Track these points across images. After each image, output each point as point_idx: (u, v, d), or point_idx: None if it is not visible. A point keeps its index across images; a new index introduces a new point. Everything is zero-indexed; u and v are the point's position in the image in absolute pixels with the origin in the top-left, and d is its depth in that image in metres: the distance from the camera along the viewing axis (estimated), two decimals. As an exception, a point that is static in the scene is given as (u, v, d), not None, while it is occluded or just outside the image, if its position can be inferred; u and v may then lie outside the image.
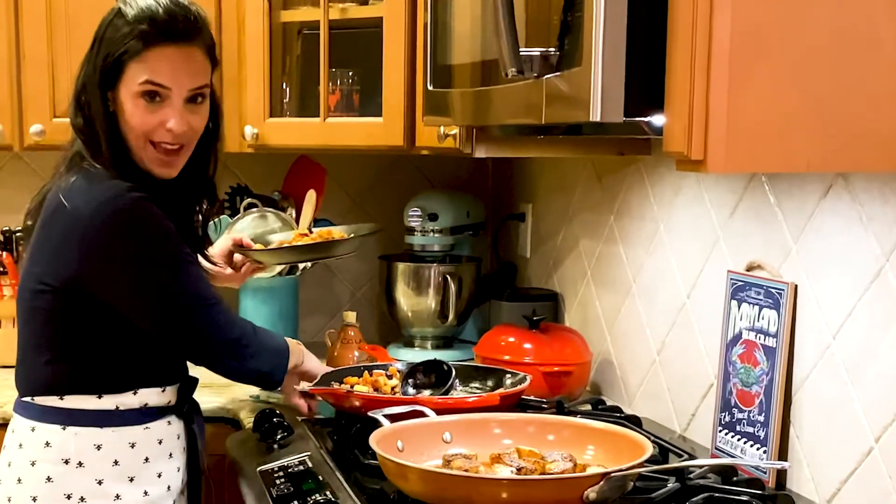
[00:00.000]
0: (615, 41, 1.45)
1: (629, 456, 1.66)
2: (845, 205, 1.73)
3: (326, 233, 2.45)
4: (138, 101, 1.91)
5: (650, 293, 2.36)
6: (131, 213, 1.88)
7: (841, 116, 1.40)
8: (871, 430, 1.68)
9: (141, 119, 1.92)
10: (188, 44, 1.93)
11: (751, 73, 1.38)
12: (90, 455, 1.94)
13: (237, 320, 2.06)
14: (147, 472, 1.98)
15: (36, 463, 1.94)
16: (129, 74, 1.90)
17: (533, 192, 2.99)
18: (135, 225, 1.88)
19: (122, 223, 1.88)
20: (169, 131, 1.93)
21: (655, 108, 1.47)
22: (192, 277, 1.97)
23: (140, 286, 1.92)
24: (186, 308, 1.96)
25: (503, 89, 1.76)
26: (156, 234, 1.91)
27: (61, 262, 1.90)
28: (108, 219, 1.87)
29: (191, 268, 1.97)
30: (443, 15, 2.09)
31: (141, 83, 1.90)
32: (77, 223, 1.88)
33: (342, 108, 2.79)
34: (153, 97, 1.91)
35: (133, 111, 1.92)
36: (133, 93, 1.91)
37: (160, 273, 1.92)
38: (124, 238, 1.88)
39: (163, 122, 1.92)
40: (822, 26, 1.38)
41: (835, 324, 1.76)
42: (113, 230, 1.87)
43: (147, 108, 1.91)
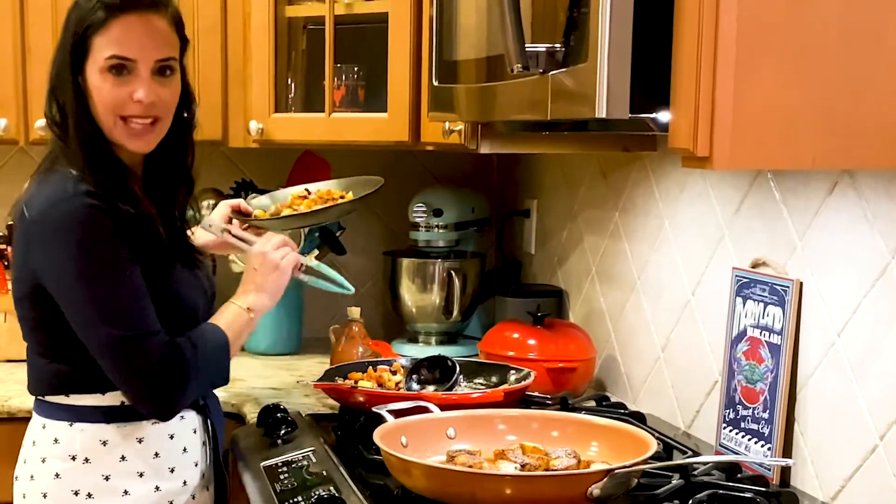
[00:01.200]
0: (621, 37, 1.45)
1: (633, 453, 1.66)
2: (851, 202, 1.73)
3: (325, 192, 2.37)
4: (106, 76, 1.88)
5: (655, 290, 2.36)
6: (71, 217, 1.83)
7: (847, 113, 1.40)
8: (875, 427, 1.68)
9: (109, 94, 1.89)
10: (152, 12, 1.90)
11: (757, 70, 1.38)
12: (96, 451, 1.93)
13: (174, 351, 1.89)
14: (157, 468, 1.96)
15: (46, 459, 1.94)
16: (95, 50, 1.88)
17: (538, 188, 2.99)
18: (71, 229, 1.83)
19: (61, 227, 1.84)
20: (138, 102, 1.89)
21: (661, 105, 1.47)
22: (124, 299, 1.87)
23: (69, 297, 1.87)
24: (109, 333, 1.86)
25: (508, 85, 1.76)
26: (90, 243, 1.84)
27: (24, 270, 1.91)
28: (50, 221, 1.84)
29: (123, 289, 1.86)
30: (448, 10, 2.08)
31: (107, 58, 1.88)
32: (28, 228, 1.88)
33: (347, 103, 2.79)
34: (120, 70, 1.89)
35: (101, 87, 1.89)
36: (100, 68, 1.88)
37: (87, 287, 1.85)
38: (61, 244, 1.84)
39: (131, 95, 1.89)
40: (828, 22, 1.38)
41: (840, 321, 1.76)
42: (53, 234, 1.84)
43: (115, 82, 1.89)
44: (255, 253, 2.10)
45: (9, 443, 2.12)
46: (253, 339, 2.85)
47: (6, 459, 2.09)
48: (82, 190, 1.84)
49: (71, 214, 1.83)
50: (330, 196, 2.35)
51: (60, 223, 1.84)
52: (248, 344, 2.89)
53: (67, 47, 1.90)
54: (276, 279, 2.08)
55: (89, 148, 1.91)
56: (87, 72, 1.90)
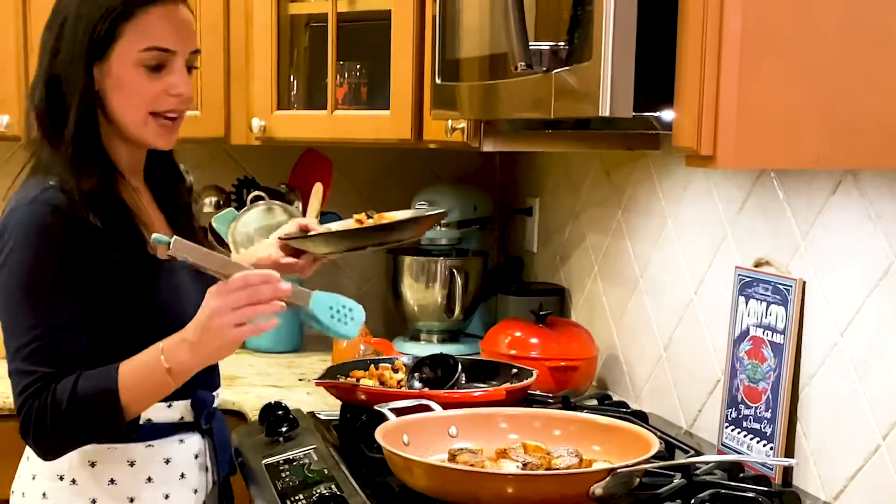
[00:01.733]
0: (625, 36, 1.44)
1: (635, 452, 1.66)
2: (854, 201, 1.73)
3: (380, 217, 2.18)
4: (139, 71, 1.75)
5: (657, 288, 2.35)
6: (22, 225, 1.70)
7: (851, 112, 1.39)
8: (878, 427, 1.68)
9: (145, 88, 1.75)
10: (181, 1, 1.80)
11: (761, 68, 1.37)
12: (84, 473, 1.80)
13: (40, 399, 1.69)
14: (150, 494, 1.82)
15: (36, 477, 1.83)
16: (125, 41, 1.74)
17: (540, 186, 2.99)
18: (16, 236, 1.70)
19: (11, 233, 1.71)
20: (176, 97, 1.77)
21: (665, 103, 1.47)
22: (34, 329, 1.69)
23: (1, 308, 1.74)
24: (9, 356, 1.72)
25: (512, 83, 1.75)
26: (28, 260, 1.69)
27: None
28: (7, 227, 1.71)
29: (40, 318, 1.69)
30: (451, 8, 2.08)
31: (143, 50, 1.74)
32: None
33: (350, 100, 2.78)
34: (158, 63, 1.76)
35: (134, 82, 1.75)
36: (132, 61, 1.74)
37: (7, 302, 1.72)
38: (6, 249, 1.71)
39: (167, 89, 1.77)
40: (833, 21, 1.38)
41: (843, 321, 1.76)
42: (5, 240, 1.71)
43: (150, 75, 1.75)
44: (212, 295, 1.67)
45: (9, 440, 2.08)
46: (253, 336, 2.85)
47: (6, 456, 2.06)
48: (42, 198, 1.70)
49: (21, 224, 1.70)
50: (382, 220, 2.14)
51: (11, 232, 1.70)
52: (250, 342, 2.89)
53: (81, 35, 1.73)
54: (217, 348, 1.68)
55: (83, 147, 1.75)
56: (112, 63, 1.74)
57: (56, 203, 1.70)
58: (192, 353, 1.67)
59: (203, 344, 1.66)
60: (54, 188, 1.71)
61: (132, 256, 1.75)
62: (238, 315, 1.64)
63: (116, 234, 1.74)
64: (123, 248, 1.74)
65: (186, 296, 1.81)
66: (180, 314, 1.74)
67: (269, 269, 1.70)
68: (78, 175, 1.73)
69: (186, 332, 1.68)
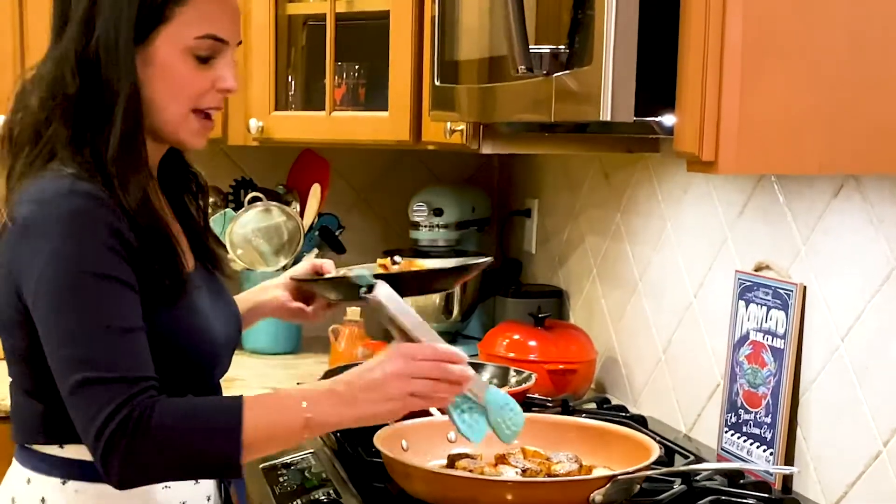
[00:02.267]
0: (626, 40, 1.43)
1: (635, 458, 1.65)
2: (856, 206, 1.72)
3: (408, 264, 1.95)
4: (187, 59, 1.53)
5: (657, 291, 2.34)
6: (60, 218, 1.45)
7: (854, 117, 1.38)
8: (879, 433, 1.67)
9: (193, 80, 1.54)
10: None
11: (763, 73, 1.36)
12: None
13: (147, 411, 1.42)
14: None
15: (31, 481, 1.57)
16: (176, 25, 1.52)
17: (539, 187, 2.98)
18: (55, 232, 1.45)
19: (44, 230, 1.46)
20: (224, 92, 1.57)
21: (666, 108, 1.46)
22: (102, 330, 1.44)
23: (39, 319, 1.47)
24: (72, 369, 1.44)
25: (512, 86, 1.74)
26: (75, 253, 1.45)
27: (8, 287, 1.51)
28: (34, 225, 1.47)
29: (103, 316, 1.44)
30: (450, 9, 2.07)
31: (199, 37, 1.53)
32: (11, 237, 1.50)
33: (348, 101, 2.77)
34: (209, 53, 1.55)
35: (182, 72, 1.53)
36: (181, 49, 1.53)
37: (57, 309, 1.45)
38: (41, 251, 1.45)
39: (215, 83, 1.56)
40: (837, 25, 1.37)
41: (844, 326, 1.75)
42: (35, 240, 1.46)
43: (197, 66, 1.54)
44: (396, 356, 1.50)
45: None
46: (252, 337, 2.84)
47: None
48: (80, 189, 1.47)
49: (61, 216, 1.45)
50: (411, 267, 1.93)
51: (46, 225, 1.46)
52: (246, 342, 2.88)
53: (127, 13, 1.50)
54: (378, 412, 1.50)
55: (130, 150, 1.52)
56: (157, 48, 1.52)
57: (96, 193, 1.47)
58: (342, 407, 1.48)
59: (362, 402, 1.48)
60: (89, 178, 1.49)
61: (169, 271, 1.54)
62: (418, 385, 1.49)
63: (155, 249, 1.53)
64: (162, 262, 1.53)
65: (213, 318, 1.62)
66: (207, 336, 1.59)
67: (455, 348, 1.54)
68: (123, 184, 1.50)
69: (337, 383, 1.50)
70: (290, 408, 1.47)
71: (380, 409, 1.49)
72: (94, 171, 1.50)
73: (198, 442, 1.44)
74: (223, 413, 1.45)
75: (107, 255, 1.45)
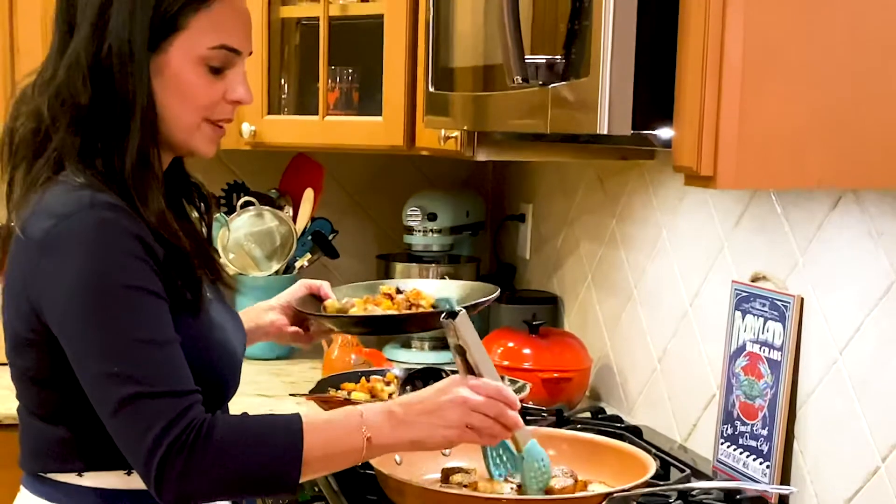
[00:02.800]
0: (624, 51, 1.41)
1: (631, 472, 1.63)
2: (854, 218, 1.70)
3: (414, 294, 1.90)
4: (200, 70, 1.49)
5: (652, 299, 2.33)
6: (85, 231, 1.40)
7: (855, 132, 1.36)
8: (877, 449, 1.65)
9: (205, 91, 1.50)
10: None
11: (763, 86, 1.34)
12: None
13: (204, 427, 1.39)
14: None
15: None
16: (193, 32, 1.47)
17: (533, 192, 2.95)
18: (82, 246, 1.40)
19: (69, 245, 1.40)
20: (235, 103, 1.53)
21: (664, 120, 1.43)
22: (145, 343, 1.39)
23: (70, 336, 1.41)
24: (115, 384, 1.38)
25: (507, 95, 1.72)
26: (107, 265, 1.40)
27: (23, 305, 1.46)
28: (56, 240, 1.41)
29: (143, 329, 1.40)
30: (445, 15, 2.05)
31: (213, 48, 1.48)
32: (27, 252, 1.44)
33: (341, 105, 2.75)
34: (222, 64, 1.51)
35: (194, 82, 1.49)
36: (195, 58, 1.48)
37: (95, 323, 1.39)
38: (67, 266, 1.40)
39: (224, 94, 1.51)
40: (838, 39, 1.34)
41: (842, 339, 1.73)
42: (59, 255, 1.41)
43: (210, 77, 1.50)
44: (460, 385, 1.51)
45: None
46: (244, 342, 2.82)
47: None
48: (102, 201, 1.42)
49: (86, 230, 1.40)
50: (418, 299, 1.88)
51: (71, 240, 1.40)
52: (239, 348, 2.86)
53: (141, 18, 1.45)
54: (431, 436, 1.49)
55: (146, 162, 1.47)
56: (170, 57, 1.47)
57: (117, 203, 1.42)
58: (399, 429, 1.47)
59: (419, 425, 1.48)
60: (102, 189, 1.44)
61: (190, 284, 1.50)
62: (476, 419, 1.49)
63: (176, 261, 1.48)
64: (183, 274, 1.49)
65: (230, 333, 1.58)
66: (234, 348, 1.56)
67: (513, 394, 1.54)
68: (142, 197, 1.45)
69: (394, 405, 1.49)
70: (350, 428, 1.45)
71: (436, 433, 1.48)
72: (108, 181, 1.45)
73: (259, 459, 1.40)
74: (284, 431, 1.42)
75: (136, 265, 1.40)
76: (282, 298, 1.88)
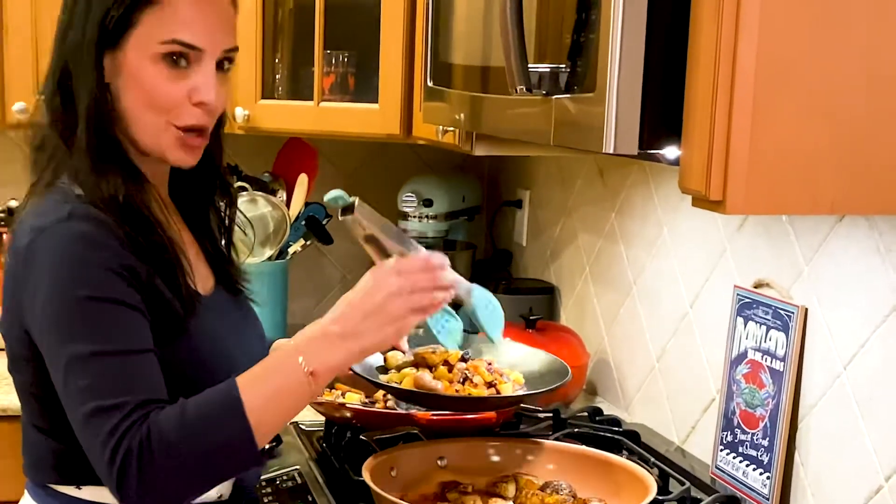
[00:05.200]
0: (632, 69, 1.36)
1: (632, 492, 1.60)
2: (862, 232, 1.66)
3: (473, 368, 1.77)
4: (158, 67, 1.45)
5: (652, 297, 2.29)
6: (61, 246, 1.39)
7: (870, 156, 1.32)
8: (881, 467, 1.62)
9: (165, 90, 1.45)
10: None
11: (775, 109, 1.30)
12: None
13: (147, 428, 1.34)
14: None
15: None
16: (144, 29, 1.44)
17: (531, 178, 2.91)
18: (57, 260, 1.39)
19: (46, 258, 1.39)
20: (199, 106, 1.47)
21: (672, 139, 1.39)
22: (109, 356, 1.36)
23: (46, 348, 1.41)
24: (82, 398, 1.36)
25: (508, 100, 1.67)
26: (78, 279, 1.37)
27: (15, 315, 1.46)
28: (36, 252, 1.40)
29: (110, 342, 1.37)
30: (445, 9, 1.99)
31: (164, 42, 1.44)
32: (16, 263, 1.44)
33: (336, 90, 2.69)
34: (177, 61, 1.45)
35: (153, 80, 1.45)
36: (151, 55, 1.44)
37: (64, 336, 1.37)
38: (44, 279, 1.39)
39: (189, 94, 1.46)
40: (853, 60, 1.30)
41: (847, 354, 1.70)
42: (38, 267, 1.39)
43: (170, 75, 1.45)
44: (389, 274, 1.44)
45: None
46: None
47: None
48: (80, 212, 1.41)
49: (61, 243, 1.39)
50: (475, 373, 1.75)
51: (46, 253, 1.39)
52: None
53: (92, 17, 1.44)
54: (383, 337, 1.43)
55: (101, 154, 1.46)
56: (126, 54, 1.45)
57: (97, 216, 1.42)
58: (344, 346, 1.40)
59: (365, 333, 1.41)
60: (86, 204, 1.43)
61: (175, 290, 1.47)
62: (418, 299, 1.43)
63: (157, 259, 1.46)
64: (167, 280, 1.47)
65: (233, 344, 1.55)
66: (226, 364, 1.48)
67: (437, 253, 1.49)
68: (97, 179, 1.45)
69: (328, 323, 1.41)
70: (288, 369, 1.39)
71: (385, 333, 1.42)
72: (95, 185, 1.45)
73: (206, 442, 1.35)
74: (220, 402, 1.36)
75: (107, 277, 1.38)
76: None
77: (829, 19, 1.29)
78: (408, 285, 1.43)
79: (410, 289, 1.43)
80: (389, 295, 1.42)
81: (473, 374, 1.74)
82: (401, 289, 1.42)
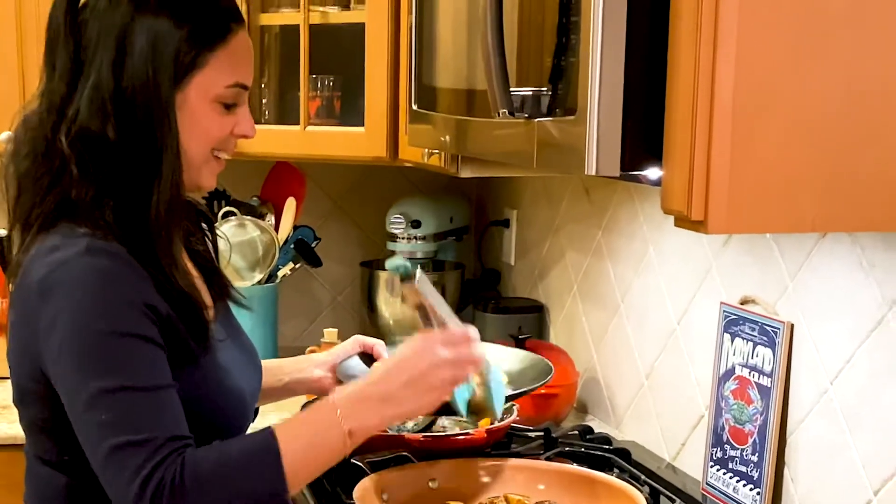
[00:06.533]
0: (612, 93, 1.38)
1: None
2: (845, 248, 1.67)
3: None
4: (215, 107, 1.48)
5: (639, 315, 2.30)
6: (81, 278, 1.39)
7: (850, 174, 1.33)
8: (869, 482, 1.63)
9: (219, 128, 1.49)
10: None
11: (755, 130, 1.31)
12: None
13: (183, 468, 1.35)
14: None
15: None
16: (210, 73, 1.45)
17: (518, 198, 2.92)
18: (75, 293, 1.38)
19: (63, 291, 1.38)
20: (240, 138, 1.53)
21: (653, 161, 1.40)
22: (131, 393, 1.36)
23: (64, 385, 1.40)
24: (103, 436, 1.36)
25: (492, 123, 1.68)
26: (99, 313, 1.37)
27: (25, 354, 1.45)
28: (52, 287, 1.39)
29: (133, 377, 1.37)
30: (428, 34, 2.01)
31: (229, 86, 1.47)
32: (29, 299, 1.42)
33: (323, 114, 2.71)
34: (232, 102, 1.49)
35: (209, 119, 1.47)
36: (212, 96, 1.46)
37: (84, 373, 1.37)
38: (61, 314, 1.38)
39: (233, 129, 1.51)
40: (832, 80, 1.31)
41: (833, 369, 1.71)
42: (55, 302, 1.38)
43: (223, 112, 1.49)
44: (436, 344, 1.50)
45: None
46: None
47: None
48: (98, 247, 1.40)
49: (80, 276, 1.38)
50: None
51: (66, 286, 1.38)
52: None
53: (165, 57, 1.42)
54: (420, 405, 1.48)
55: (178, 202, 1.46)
56: (188, 95, 1.45)
57: (114, 250, 1.41)
58: (382, 408, 1.44)
59: (404, 401, 1.45)
60: (105, 237, 1.42)
61: (195, 332, 1.47)
62: (459, 372, 1.50)
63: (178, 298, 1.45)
64: (189, 323, 1.46)
65: (238, 375, 1.55)
66: (235, 395, 1.52)
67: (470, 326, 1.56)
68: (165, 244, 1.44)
69: (369, 386, 1.46)
70: (327, 425, 1.42)
71: (423, 401, 1.47)
72: (113, 225, 1.43)
73: (239, 487, 1.36)
74: (258, 451, 1.38)
75: (128, 312, 1.38)
76: (333, 355, 1.84)
77: (808, 39, 1.30)
78: (451, 358, 1.49)
79: (453, 362, 1.49)
80: (433, 365, 1.47)
81: None
82: (445, 361, 1.48)
